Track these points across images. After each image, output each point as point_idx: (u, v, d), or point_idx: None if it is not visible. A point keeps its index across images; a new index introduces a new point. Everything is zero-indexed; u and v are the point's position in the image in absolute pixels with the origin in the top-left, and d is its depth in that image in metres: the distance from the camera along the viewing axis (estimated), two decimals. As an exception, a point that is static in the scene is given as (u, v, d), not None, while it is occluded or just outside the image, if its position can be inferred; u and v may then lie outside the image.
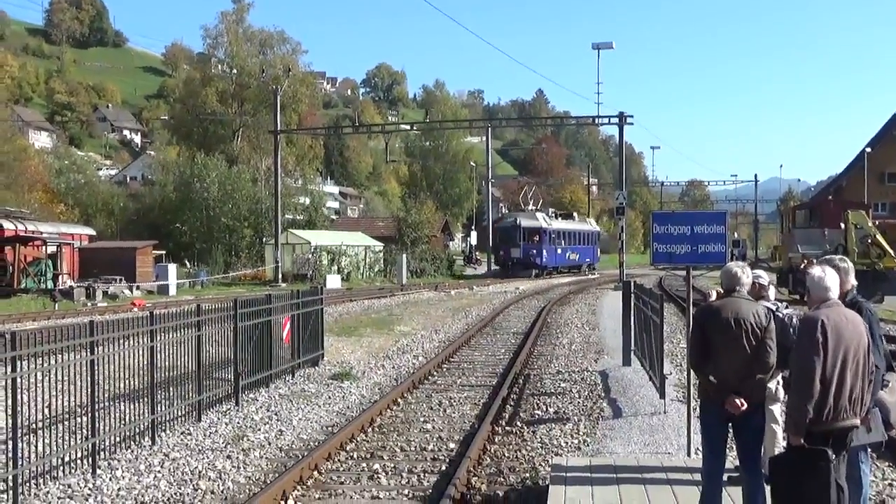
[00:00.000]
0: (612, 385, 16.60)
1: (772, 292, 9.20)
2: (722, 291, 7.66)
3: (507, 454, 11.65)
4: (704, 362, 7.17)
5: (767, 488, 6.71)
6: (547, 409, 14.52)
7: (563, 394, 15.94)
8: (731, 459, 8.17)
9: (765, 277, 9.09)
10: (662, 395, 14.07)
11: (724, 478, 7.52)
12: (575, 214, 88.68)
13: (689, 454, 10.57)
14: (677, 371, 16.95)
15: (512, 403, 15.17)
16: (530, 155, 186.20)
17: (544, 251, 69.84)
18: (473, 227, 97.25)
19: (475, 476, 10.47)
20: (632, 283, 19.93)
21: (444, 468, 10.88)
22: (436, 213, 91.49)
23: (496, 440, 12.44)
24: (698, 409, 7.63)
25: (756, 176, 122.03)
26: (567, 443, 12.17)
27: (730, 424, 7.16)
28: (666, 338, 16.08)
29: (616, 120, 55.03)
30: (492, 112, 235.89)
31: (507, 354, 21.70)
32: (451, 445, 12.12)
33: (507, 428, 13.21)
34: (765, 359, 7.01)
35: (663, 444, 11.69)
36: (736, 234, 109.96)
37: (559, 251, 73.91)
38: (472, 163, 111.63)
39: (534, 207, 78.25)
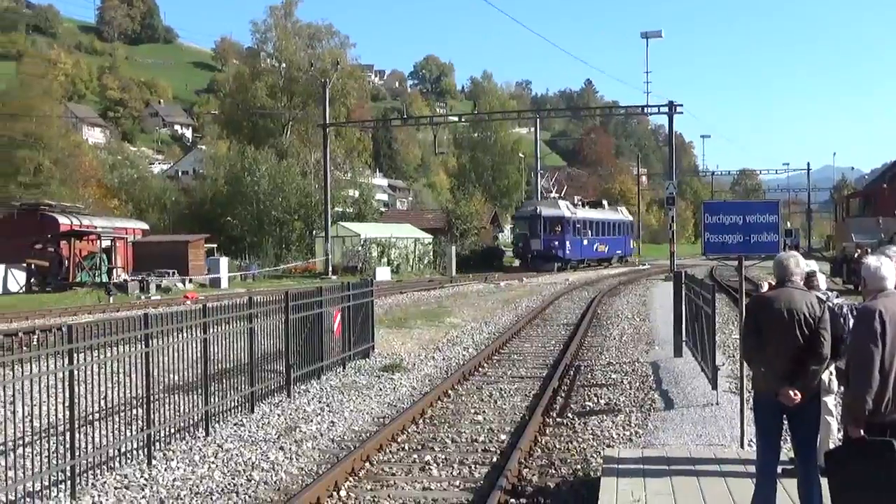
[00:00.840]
0: (664, 376, 16.49)
1: (822, 282, 9.07)
2: (773, 282, 7.56)
3: (558, 446, 11.62)
4: (757, 353, 7.09)
5: (823, 481, 6.63)
6: (598, 401, 14.47)
7: (614, 385, 15.87)
8: (786, 452, 8.08)
9: (814, 266, 8.95)
10: (715, 387, 13.95)
11: (779, 470, 7.43)
12: (605, 202, 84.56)
13: (742, 446, 10.48)
14: (729, 362, 16.82)
15: (563, 395, 15.13)
16: (579, 145, 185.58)
17: (567, 242, 65.34)
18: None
19: (526, 468, 10.45)
20: (683, 274, 19.79)
21: (495, 460, 10.88)
22: (485, 205, 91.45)
23: (547, 432, 12.41)
24: (752, 400, 7.54)
25: (809, 164, 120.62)
26: (619, 434, 12.11)
27: (784, 416, 7.07)
28: (718, 329, 15.94)
29: (665, 109, 54.66)
30: (540, 103, 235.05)
31: (557, 346, 21.64)
32: (502, 437, 12.11)
33: (559, 419, 13.18)
34: (819, 349, 6.91)
35: (716, 436, 11.59)
36: (789, 224, 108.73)
37: (585, 242, 69.43)
38: (520, 154, 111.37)
39: (556, 195, 73.33)
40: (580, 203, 74.21)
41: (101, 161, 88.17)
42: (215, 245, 59.65)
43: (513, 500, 9.19)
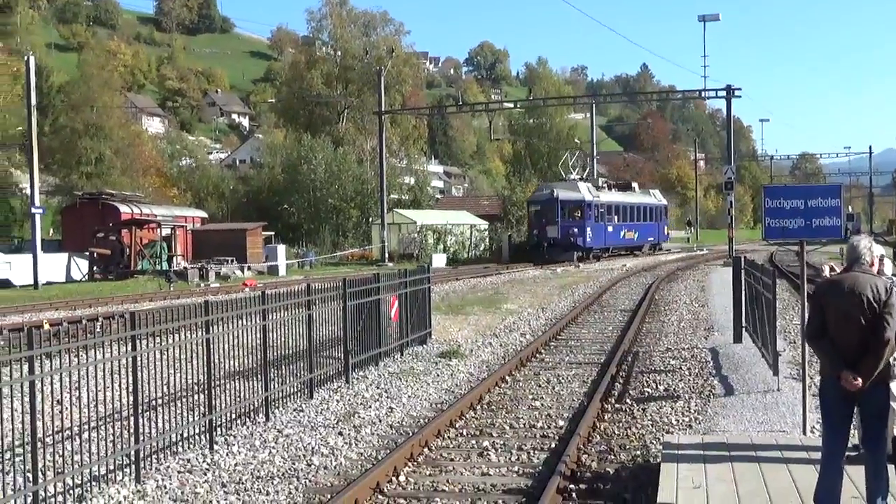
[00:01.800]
0: (723, 362, 16.34)
1: (887, 266, 8.91)
2: (835, 266, 7.45)
3: (617, 432, 11.57)
4: (821, 337, 6.99)
5: (891, 468, 6.53)
6: (657, 387, 14.38)
7: (672, 371, 15.76)
8: (851, 438, 7.95)
9: (882, 251, 8.78)
10: (776, 373, 13.80)
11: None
12: (636, 185, 76.05)
13: (804, 432, 10.34)
14: (790, 348, 16.61)
15: (621, 381, 15.06)
16: (635, 131, 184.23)
17: (588, 229, 58.02)
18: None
19: (585, 454, 10.42)
20: (742, 259, 19.57)
21: (553, 445, 10.86)
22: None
23: (606, 418, 12.36)
24: (816, 386, 7.43)
25: (870, 147, 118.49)
26: (678, 420, 12.03)
27: (851, 402, 6.95)
28: (778, 314, 15.74)
29: (723, 93, 54.01)
30: (595, 88, 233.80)
31: (614, 332, 21.54)
32: (560, 423, 12.08)
33: (617, 405, 13.12)
34: (881, 334, 6.77)
35: (778, 422, 11.47)
36: (850, 208, 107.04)
37: (610, 229, 62.33)
38: (576, 140, 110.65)
39: (577, 176, 65.22)
40: (605, 186, 68.13)
41: (160, 150, 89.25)
42: (273, 233, 60.20)
43: (572, 486, 9.16)
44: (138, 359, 9.55)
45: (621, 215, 64.61)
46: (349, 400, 13.68)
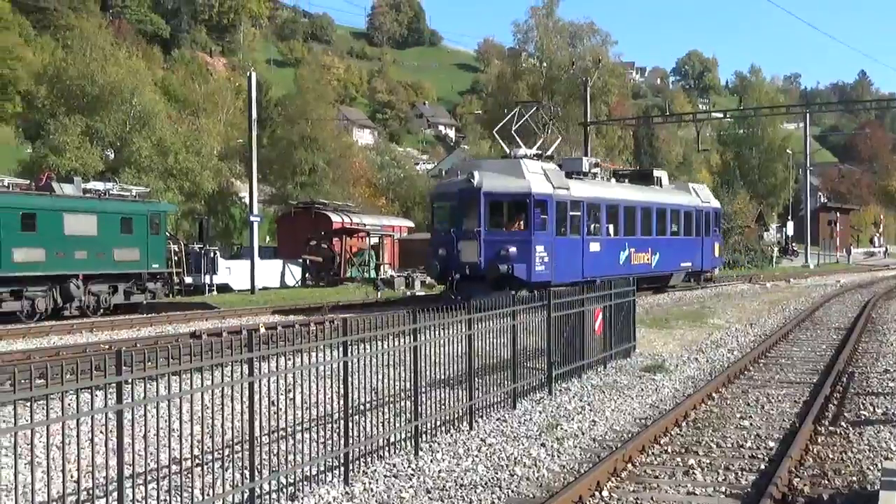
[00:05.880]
0: (949, 386, 15.41)
1: None
2: None
3: (831, 455, 11.08)
4: None
5: None
6: (874, 410, 13.70)
7: (891, 394, 14.97)
8: None
9: None
10: None
11: None
12: (661, 175, 42.53)
13: None
14: None
15: (835, 402, 14.42)
16: (852, 141, 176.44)
17: (539, 250, 29.56)
18: (790, 217, 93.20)
19: (797, 477, 10.03)
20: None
21: (763, 467, 10.52)
22: (749, 203, 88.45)
23: (819, 440, 11.87)
24: None
25: None
26: (898, 446, 11.43)
27: None
28: None
29: (951, 101, 51.05)
30: (809, 97, 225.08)
31: (828, 351, 20.66)
32: (770, 444, 11.69)
33: (831, 428, 12.57)
34: None
35: None
36: None
37: (596, 248, 33.30)
38: (788, 150, 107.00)
39: (530, 152, 34.34)
40: (597, 173, 37.49)
41: (370, 161, 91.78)
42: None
43: (782, 510, 8.86)
44: (349, 364, 9.85)
45: (622, 224, 35.66)
46: (552, 411, 13.67)
